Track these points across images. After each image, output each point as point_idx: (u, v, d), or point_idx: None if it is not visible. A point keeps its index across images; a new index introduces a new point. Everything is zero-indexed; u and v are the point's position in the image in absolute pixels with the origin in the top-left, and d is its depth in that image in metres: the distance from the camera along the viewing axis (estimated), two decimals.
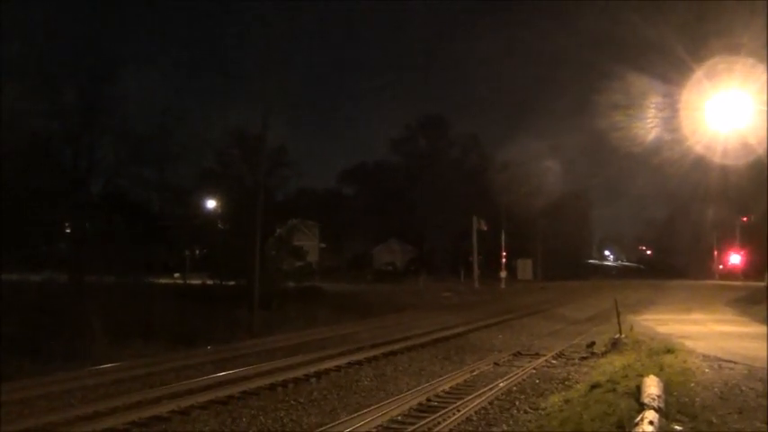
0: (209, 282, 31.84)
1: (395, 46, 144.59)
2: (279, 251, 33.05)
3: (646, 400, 8.88)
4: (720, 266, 72.05)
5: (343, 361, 15.71)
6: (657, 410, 8.37)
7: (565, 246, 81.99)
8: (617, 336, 17.67)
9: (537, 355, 17.14)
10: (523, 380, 13.52)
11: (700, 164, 32.84)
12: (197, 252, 41.38)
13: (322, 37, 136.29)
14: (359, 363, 15.81)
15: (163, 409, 10.88)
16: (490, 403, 11.31)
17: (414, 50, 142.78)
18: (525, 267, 71.14)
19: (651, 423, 7.64)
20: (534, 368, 14.92)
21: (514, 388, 12.65)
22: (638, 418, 7.94)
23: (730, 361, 13.16)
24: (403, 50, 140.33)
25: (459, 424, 10.06)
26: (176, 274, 37.75)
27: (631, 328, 18.96)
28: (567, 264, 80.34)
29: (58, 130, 27.70)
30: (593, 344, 17.86)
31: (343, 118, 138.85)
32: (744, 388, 10.67)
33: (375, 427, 9.87)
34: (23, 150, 25.71)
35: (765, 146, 22.25)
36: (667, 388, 10.01)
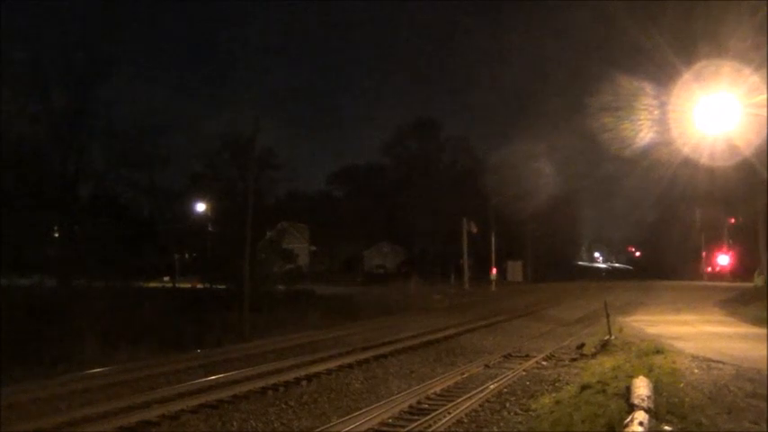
0: (199, 285, 31.73)
1: (386, 49, 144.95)
2: (269, 254, 33.04)
3: (635, 401, 8.91)
4: (709, 268, 72.43)
5: (333, 364, 15.68)
6: (647, 411, 8.39)
7: (555, 247, 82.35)
8: (607, 337, 17.74)
9: (527, 356, 17.16)
10: (514, 382, 13.53)
11: (687, 165, 32.99)
12: (186, 255, 41.25)
13: (313, 40, 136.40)
14: (350, 366, 15.78)
15: (152, 414, 10.82)
16: (481, 405, 11.31)
17: (406, 53, 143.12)
18: (515, 269, 71.34)
19: (641, 424, 7.66)
20: (525, 370, 14.94)
21: (505, 390, 12.66)
22: (628, 419, 7.97)
23: (719, 361, 13.21)
24: (395, 53, 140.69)
25: (449, 426, 10.05)
26: (166, 278, 37.60)
27: (621, 330, 19.04)
28: (556, 265, 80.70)
29: (46, 134, 27.61)
30: (582, 345, 17.90)
31: (334, 120, 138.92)
32: (733, 388, 10.72)
33: (366, 430, 9.86)
34: (11, 154, 25.56)
35: (752, 148, 22.43)
36: (657, 389, 10.04)
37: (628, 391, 9.88)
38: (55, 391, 12.70)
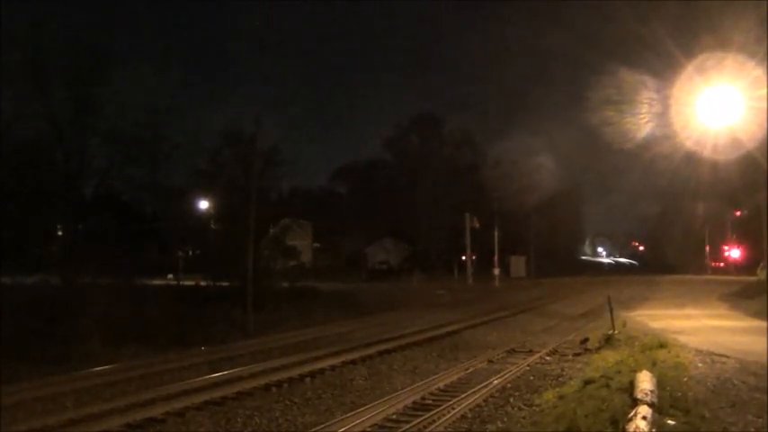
0: (203, 282, 31.76)
1: (387, 44, 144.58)
2: (272, 251, 33.06)
3: (639, 396, 8.92)
4: (714, 263, 72.27)
5: (337, 360, 15.72)
6: (650, 405, 8.41)
7: (558, 242, 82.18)
8: (610, 332, 17.76)
9: (531, 351, 17.19)
10: (518, 377, 13.55)
11: (690, 159, 32.87)
12: (190, 253, 41.24)
13: (313, 37, 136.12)
14: (353, 362, 15.82)
15: (157, 411, 10.87)
16: (485, 401, 11.34)
17: (406, 49, 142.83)
18: (518, 264, 71.18)
19: (644, 418, 7.68)
20: (528, 365, 14.97)
21: (509, 385, 12.68)
22: (632, 413, 7.98)
23: (723, 355, 13.24)
24: (395, 49, 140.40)
25: (453, 422, 10.08)
26: (170, 275, 37.63)
27: (624, 324, 19.04)
28: (560, 260, 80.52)
29: (48, 132, 27.54)
30: (586, 340, 17.93)
31: (336, 117, 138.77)
32: (736, 382, 10.75)
33: (370, 426, 9.88)
34: (14, 153, 25.57)
35: (755, 141, 22.35)
36: (660, 383, 10.06)
37: (631, 385, 9.90)
38: (60, 388, 12.73)
